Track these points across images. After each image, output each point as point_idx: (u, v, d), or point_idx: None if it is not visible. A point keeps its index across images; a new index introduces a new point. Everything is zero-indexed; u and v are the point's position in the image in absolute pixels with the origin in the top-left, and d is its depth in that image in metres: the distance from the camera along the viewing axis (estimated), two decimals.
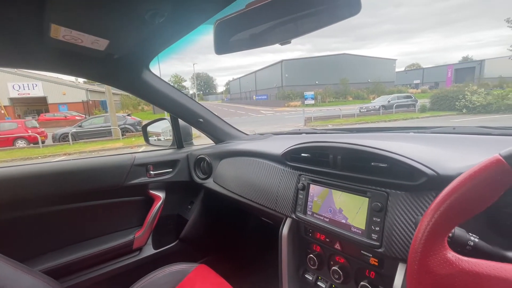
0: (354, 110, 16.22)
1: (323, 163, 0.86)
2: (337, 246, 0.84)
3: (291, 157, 0.99)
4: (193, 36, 0.94)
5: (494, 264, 0.39)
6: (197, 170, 1.59)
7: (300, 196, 0.91)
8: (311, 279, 0.93)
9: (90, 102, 24.60)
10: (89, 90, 24.69)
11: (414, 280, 0.45)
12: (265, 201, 1.07)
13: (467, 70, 35.73)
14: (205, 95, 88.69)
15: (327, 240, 0.87)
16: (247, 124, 14.75)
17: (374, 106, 17.30)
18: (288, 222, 0.97)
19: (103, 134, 12.52)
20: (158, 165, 1.54)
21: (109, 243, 1.37)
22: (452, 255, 0.43)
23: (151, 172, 1.50)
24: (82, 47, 0.90)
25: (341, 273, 0.82)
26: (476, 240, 0.49)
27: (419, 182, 0.64)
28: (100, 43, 0.89)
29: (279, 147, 1.10)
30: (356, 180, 0.77)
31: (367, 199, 0.72)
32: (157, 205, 1.51)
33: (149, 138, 1.85)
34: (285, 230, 0.96)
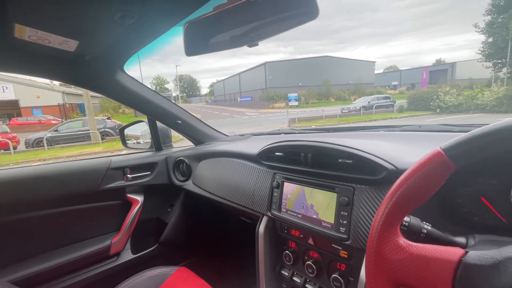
0: (336, 111, 16.66)
1: (296, 161, 0.89)
2: (311, 241, 0.87)
3: (266, 157, 1.01)
4: (169, 38, 0.94)
5: (438, 247, 0.43)
6: (176, 172, 1.58)
7: (275, 194, 0.94)
8: (287, 275, 0.96)
9: (67, 105, 23.53)
10: (66, 93, 23.62)
11: (371, 266, 0.48)
12: (242, 200, 1.08)
13: (440, 72, 37.78)
14: (189, 97, 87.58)
15: (301, 236, 0.90)
16: (231, 126, 14.73)
17: (355, 107, 17.85)
18: (264, 220, 0.99)
19: (81, 138, 12.03)
20: (136, 168, 1.51)
21: (85, 249, 1.33)
22: (403, 241, 0.46)
23: (129, 175, 1.47)
24: (50, 48, 0.87)
25: (314, 267, 0.85)
26: (429, 227, 0.53)
27: (380, 176, 0.68)
28: (69, 44, 0.88)
29: (255, 147, 1.12)
30: (325, 176, 0.81)
31: (336, 194, 0.76)
32: (135, 209, 1.48)
33: (128, 141, 1.82)
34: (261, 228, 0.98)
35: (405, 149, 0.79)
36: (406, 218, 0.54)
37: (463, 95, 14.40)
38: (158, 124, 1.62)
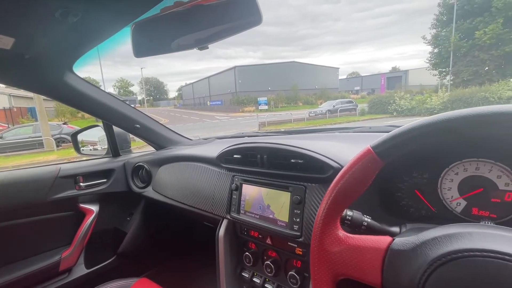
0: (304, 114, 17.26)
1: (253, 163, 0.91)
2: (269, 241, 0.89)
3: (225, 159, 1.02)
4: (124, 39, 0.90)
5: (371, 237, 0.47)
6: (135, 179, 1.51)
7: (234, 196, 0.95)
8: (247, 276, 0.97)
9: (15, 109, 21.13)
10: (13, 96, 21.22)
11: (315, 259, 0.51)
12: (203, 204, 1.07)
13: (395, 78, 41.27)
14: (156, 101, 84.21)
15: (260, 236, 0.92)
16: (202, 130, 14.47)
17: (321, 111, 18.67)
18: (224, 223, 0.99)
19: (32, 146, 10.86)
20: (90, 175, 1.41)
21: (30, 267, 1.21)
22: (342, 234, 0.50)
23: (81, 184, 1.37)
24: None
25: (272, 267, 0.87)
26: (369, 220, 0.57)
27: (328, 175, 0.72)
28: (3, 41, 0.80)
29: (216, 150, 1.12)
30: (280, 176, 0.84)
31: (289, 193, 0.79)
32: (89, 219, 1.38)
33: (83, 148, 1.70)
34: (221, 231, 0.98)
35: (352, 149, 0.85)
36: (349, 213, 0.58)
37: (415, 99, 15.86)
38: (116, 128, 1.54)
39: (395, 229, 0.56)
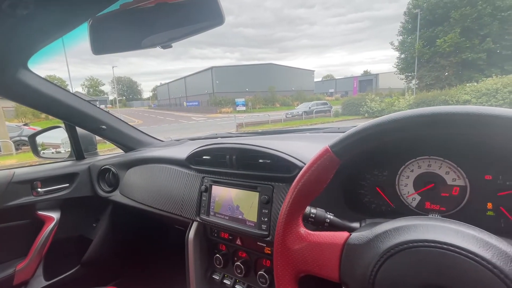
0: (281, 115, 17.51)
1: (222, 164, 0.90)
2: (238, 241, 0.89)
3: (194, 161, 1.00)
4: (83, 34, 0.85)
5: (330, 233, 0.49)
6: (102, 183, 1.44)
7: (203, 198, 0.93)
8: (218, 278, 0.96)
9: None
10: None
11: (278, 257, 0.52)
12: (172, 207, 1.04)
13: (367, 81, 43.37)
14: (129, 101, 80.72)
15: (230, 237, 0.91)
16: (178, 131, 14.11)
17: (298, 112, 19.08)
18: (194, 225, 0.97)
19: None
20: (49, 180, 1.32)
21: None
22: (304, 231, 0.51)
23: (39, 189, 1.27)
24: None
25: (242, 267, 0.87)
26: (331, 217, 0.59)
27: (294, 174, 0.74)
28: None
29: (187, 151, 1.09)
30: (249, 177, 0.84)
31: (258, 193, 0.80)
32: (49, 227, 1.29)
33: (43, 151, 1.58)
34: (191, 234, 0.96)
35: (319, 148, 0.88)
36: (313, 210, 0.59)
37: (385, 102, 16.77)
38: (80, 130, 1.45)
39: (356, 224, 0.59)
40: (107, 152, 1.79)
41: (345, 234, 0.47)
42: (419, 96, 15.91)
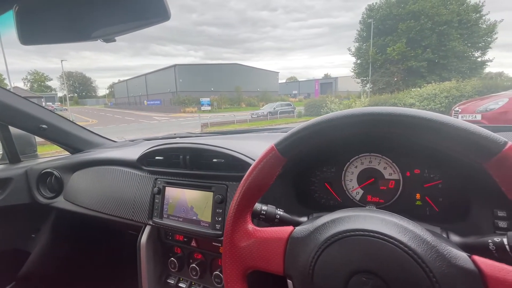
0: (247, 116, 17.60)
1: (176, 164, 0.88)
2: (194, 243, 0.87)
3: (146, 162, 0.96)
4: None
5: (276, 228, 0.50)
6: (42, 188, 1.29)
7: (156, 200, 0.90)
8: (173, 283, 0.93)
9: None
10: None
11: (226, 255, 0.52)
12: (123, 211, 0.98)
13: (327, 84, 45.86)
14: (82, 98, 73.88)
15: (185, 239, 0.89)
16: (137, 132, 13.31)
17: (263, 113, 19.37)
18: (147, 229, 0.93)
19: None
20: None
21: None
22: (251, 227, 0.52)
23: None
24: None
25: (198, 269, 0.85)
26: (281, 213, 0.61)
27: None
28: None
29: (139, 152, 1.04)
30: (203, 177, 0.83)
31: (212, 193, 0.79)
32: None
33: None
34: (143, 238, 0.92)
35: None
36: (264, 207, 0.61)
37: (343, 104, 17.89)
38: (16, 130, 1.28)
39: (304, 219, 0.62)
40: (56, 155, 1.61)
41: (289, 228, 0.49)
42: (372, 98, 17.30)
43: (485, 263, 0.35)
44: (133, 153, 1.09)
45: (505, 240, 0.42)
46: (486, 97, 5.94)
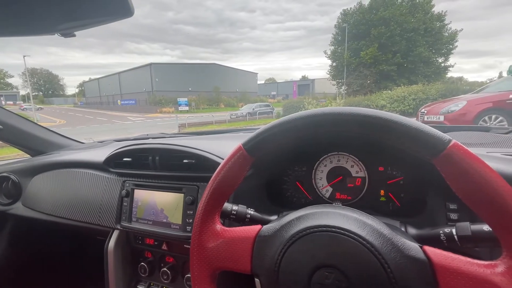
0: (226, 116, 17.48)
1: (145, 166, 0.85)
2: (164, 247, 0.85)
3: (114, 163, 0.91)
4: None
5: (245, 227, 0.50)
6: None
7: (124, 203, 0.86)
8: None
9: None
10: None
11: (194, 256, 0.51)
12: (89, 216, 0.93)
13: (305, 86, 46.90)
14: (48, 97, 68.99)
15: (156, 243, 0.86)
16: (110, 133, 12.69)
17: (242, 113, 19.37)
18: (115, 234, 0.89)
19: None
20: None
21: None
22: (220, 228, 0.51)
23: None
24: None
25: (169, 273, 0.83)
26: (252, 212, 0.61)
27: None
28: None
29: (106, 154, 0.99)
30: (174, 178, 0.81)
31: (182, 194, 0.77)
32: None
33: None
34: (111, 244, 0.87)
35: None
36: (235, 207, 0.60)
37: (320, 105, 18.39)
38: None
39: (274, 217, 0.62)
40: (17, 157, 1.49)
41: (257, 227, 0.49)
42: (347, 100, 17.98)
43: (433, 252, 0.37)
44: (100, 155, 1.04)
45: (454, 231, 0.46)
46: (448, 99, 6.43)
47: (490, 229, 0.38)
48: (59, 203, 1.03)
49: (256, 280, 0.47)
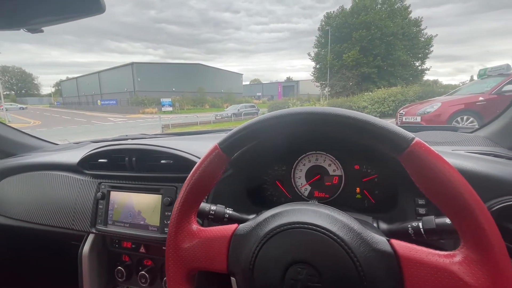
0: (211, 117, 17.31)
1: (122, 167, 0.83)
2: (142, 249, 0.83)
3: (89, 165, 0.88)
4: None
5: (220, 227, 0.50)
6: None
7: (100, 206, 0.83)
8: None
9: None
10: None
11: (169, 257, 0.50)
12: (62, 221, 0.89)
13: (289, 87, 47.43)
14: (21, 97, 65.23)
15: (133, 246, 0.84)
16: (89, 134, 12.19)
17: (227, 114, 19.28)
18: (90, 238, 0.85)
19: None
20: None
21: None
22: (196, 228, 0.51)
23: None
24: None
25: (147, 276, 0.81)
26: (230, 212, 0.61)
27: None
28: None
29: (80, 155, 0.95)
30: (151, 179, 0.79)
31: (160, 196, 0.76)
32: None
33: None
34: (86, 248, 0.84)
35: None
36: (213, 207, 0.60)
37: (304, 106, 18.66)
38: None
39: (252, 216, 0.63)
40: None
41: (234, 226, 0.49)
42: (330, 101, 18.38)
43: (399, 245, 0.39)
44: (74, 156, 0.99)
45: (420, 224, 0.48)
46: (425, 101, 6.75)
47: None
48: (29, 208, 0.97)
49: (232, 279, 0.47)
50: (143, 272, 0.82)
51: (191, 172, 0.51)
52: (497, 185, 0.56)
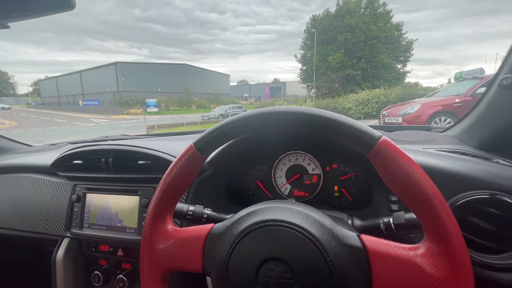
0: (197, 118, 17.10)
1: (98, 168, 0.80)
2: (120, 252, 0.81)
3: (63, 166, 0.85)
4: None
5: (195, 227, 0.50)
6: None
7: (75, 209, 0.80)
8: None
9: None
10: None
11: (144, 258, 0.49)
12: (34, 225, 0.85)
13: (276, 88, 47.79)
14: None
15: (111, 249, 0.82)
16: (69, 136, 11.74)
17: (214, 115, 19.14)
18: (65, 242, 0.82)
19: None
20: None
21: None
22: (171, 228, 0.50)
23: None
24: None
25: (125, 280, 0.79)
26: (209, 212, 0.61)
27: None
28: None
29: (54, 157, 0.92)
30: (129, 180, 0.78)
31: (138, 197, 0.75)
32: None
33: None
34: (60, 253, 0.81)
35: None
36: (191, 208, 0.60)
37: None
38: None
39: (231, 215, 0.63)
40: None
41: (209, 225, 0.49)
42: (316, 103, 18.66)
43: (368, 239, 0.40)
44: (48, 158, 0.96)
45: (391, 220, 0.50)
46: (406, 103, 6.99)
47: None
48: (0, 212, 0.93)
49: (208, 278, 0.47)
50: (121, 276, 0.80)
51: (166, 172, 0.50)
52: (462, 181, 0.60)
